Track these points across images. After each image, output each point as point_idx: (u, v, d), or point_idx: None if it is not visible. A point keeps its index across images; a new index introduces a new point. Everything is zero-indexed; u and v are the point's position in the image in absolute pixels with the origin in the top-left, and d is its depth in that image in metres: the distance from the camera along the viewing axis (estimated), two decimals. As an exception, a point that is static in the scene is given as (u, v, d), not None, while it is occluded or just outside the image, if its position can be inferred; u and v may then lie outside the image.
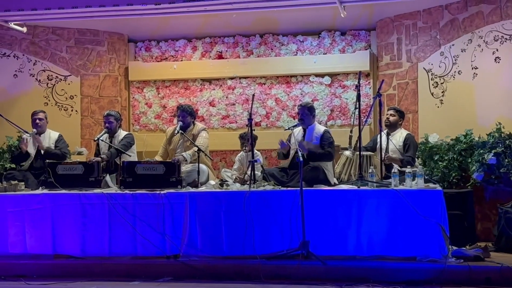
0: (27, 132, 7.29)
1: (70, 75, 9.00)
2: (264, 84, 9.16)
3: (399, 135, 7.01)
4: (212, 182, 6.77)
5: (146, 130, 9.46)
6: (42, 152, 7.20)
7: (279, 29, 9.04)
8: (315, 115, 6.85)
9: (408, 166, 6.18)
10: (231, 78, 9.22)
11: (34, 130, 7.25)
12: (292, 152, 6.71)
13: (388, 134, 6.95)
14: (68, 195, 6.19)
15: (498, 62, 7.19)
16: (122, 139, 7.22)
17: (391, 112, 7.11)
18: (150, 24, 8.78)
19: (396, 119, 7.07)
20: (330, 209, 5.81)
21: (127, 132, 7.49)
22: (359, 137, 6.29)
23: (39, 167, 7.09)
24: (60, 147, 7.35)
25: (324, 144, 6.59)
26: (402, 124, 7.20)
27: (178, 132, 7.07)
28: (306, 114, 6.72)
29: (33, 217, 6.16)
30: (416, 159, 7.29)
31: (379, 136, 6.86)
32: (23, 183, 6.72)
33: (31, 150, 7.27)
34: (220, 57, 9.29)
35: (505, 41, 7.11)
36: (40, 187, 6.60)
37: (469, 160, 6.92)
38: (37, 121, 7.29)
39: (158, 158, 7.27)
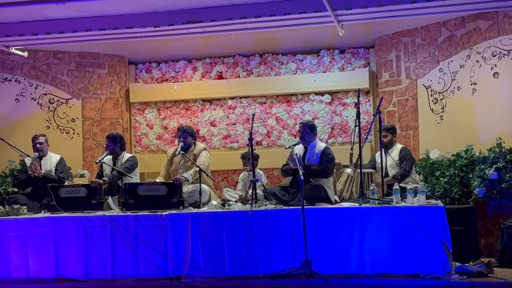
0: (28, 156, 7.31)
1: (72, 98, 9.06)
2: (265, 103, 9.20)
3: (396, 150, 7.13)
4: (214, 202, 6.76)
5: (147, 151, 9.49)
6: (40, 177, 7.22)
7: (278, 49, 9.11)
8: (316, 133, 6.85)
9: (409, 183, 6.19)
10: (232, 98, 9.27)
11: (36, 154, 7.27)
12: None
13: (386, 152, 7.00)
14: (70, 218, 6.18)
15: (497, 78, 7.22)
16: (125, 162, 7.22)
17: (383, 133, 7.14)
18: (150, 46, 8.85)
19: (390, 138, 7.20)
20: (332, 227, 5.79)
21: (130, 155, 7.48)
22: (360, 155, 6.30)
23: (41, 191, 7.10)
24: (59, 171, 7.36)
25: (322, 161, 6.59)
26: (396, 140, 7.31)
27: (179, 153, 7.08)
28: (307, 132, 6.73)
29: (35, 241, 6.14)
30: (418, 175, 7.31)
31: (376, 155, 6.93)
32: (25, 207, 6.71)
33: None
34: (220, 77, 9.35)
35: (503, 57, 7.15)
36: (43, 211, 6.59)
37: (471, 176, 6.92)
38: (38, 145, 7.30)
39: (160, 179, 7.29)
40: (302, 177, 5.76)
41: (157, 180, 7.17)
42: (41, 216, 6.34)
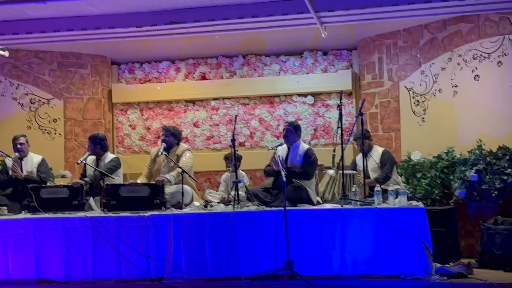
0: (9, 157, 7.24)
1: (53, 98, 9.00)
2: (248, 104, 9.20)
3: (376, 154, 7.18)
4: (196, 203, 6.75)
5: (130, 152, 9.46)
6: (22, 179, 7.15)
7: (261, 50, 9.12)
8: (300, 133, 6.85)
9: (391, 184, 6.22)
10: (215, 99, 9.26)
11: (16, 154, 7.20)
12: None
13: (367, 154, 7.03)
14: (51, 219, 6.14)
15: (478, 80, 7.29)
16: (108, 163, 7.18)
17: (358, 142, 7.15)
18: (133, 46, 8.81)
19: (367, 144, 7.20)
20: (314, 228, 5.81)
21: (114, 156, 7.44)
22: (342, 156, 6.33)
23: (22, 192, 7.03)
24: (41, 172, 7.31)
25: (305, 162, 6.60)
26: (372, 141, 7.43)
27: (161, 153, 7.06)
28: (291, 131, 6.72)
29: (16, 242, 6.09)
30: (399, 177, 7.35)
31: (357, 157, 7.00)
32: (5, 207, 6.65)
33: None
34: (203, 78, 9.34)
35: (484, 60, 7.22)
36: (23, 212, 6.53)
37: (451, 177, 6.98)
38: (18, 145, 7.23)
39: (142, 178, 7.26)
40: (284, 179, 5.77)
41: (139, 179, 7.16)
42: (21, 217, 6.29)
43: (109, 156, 7.30)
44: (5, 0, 6.49)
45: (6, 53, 8.45)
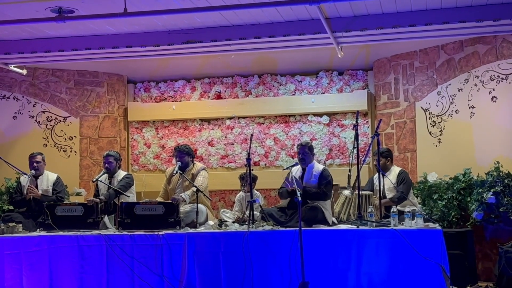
0: (25, 174, 7.28)
1: (70, 116, 9.05)
2: (263, 123, 9.20)
3: (393, 173, 7.11)
4: (211, 222, 6.73)
5: (145, 170, 9.46)
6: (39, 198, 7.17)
7: (277, 69, 9.13)
8: (314, 154, 6.87)
9: (407, 205, 6.17)
10: (230, 118, 9.27)
11: (32, 172, 7.24)
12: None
13: (383, 175, 6.98)
14: (65, 237, 6.15)
15: (495, 102, 7.24)
16: (121, 180, 7.20)
17: (376, 157, 7.08)
18: (149, 65, 8.86)
19: (383, 162, 7.08)
20: (330, 249, 5.77)
21: (126, 173, 7.47)
22: (358, 177, 6.29)
23: (37, 209, 7.05)
24: (57, 191, 7.32)
25: (321, 183, 6.57)
26: (392, 162, 7.28)
27: (176, 172, 7.07)
28: (306, 153, 6.71)
29: (30, 260, 6.11)
30: (415, 198, 7.29)
31: (374, 177, 6.93)
32: (20, 225, 6.67)
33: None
34: (218, 97, 9.36)
35: (501, 81, 7.18)
36: (38, 229, 6.55)
37: (468, 199, 6.91)
38: (35, 163, 7.26)
39: (159, 199, 7.25)
40: (299, 199, 5.74)
41: (157, 200, 7.16)
42: (36, 234, 6.31)
43: (121, 174, 7.33)
44: (26, 19, 6.55)
45: (24, 71, 8.52)
